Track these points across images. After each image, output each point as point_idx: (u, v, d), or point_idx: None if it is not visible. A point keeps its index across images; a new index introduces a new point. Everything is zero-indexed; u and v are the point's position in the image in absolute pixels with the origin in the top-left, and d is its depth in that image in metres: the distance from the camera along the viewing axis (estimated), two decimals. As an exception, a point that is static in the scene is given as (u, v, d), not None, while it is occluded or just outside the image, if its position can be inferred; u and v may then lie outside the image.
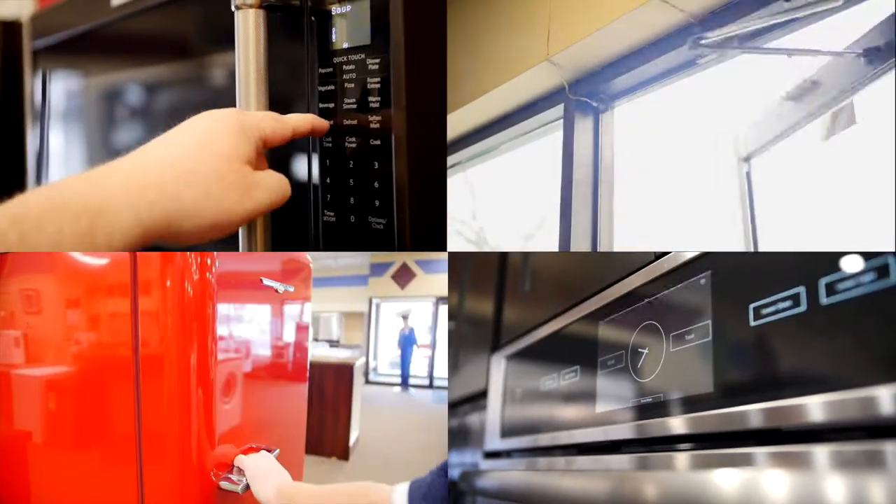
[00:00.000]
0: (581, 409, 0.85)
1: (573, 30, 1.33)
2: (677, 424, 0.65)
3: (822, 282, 0.51)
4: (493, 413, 1.13)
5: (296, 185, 0.79)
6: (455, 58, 1.66)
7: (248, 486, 0.90)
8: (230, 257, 0.91)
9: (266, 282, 1.05)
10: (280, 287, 1.09)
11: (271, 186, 0.71)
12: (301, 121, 0.78)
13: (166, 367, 0.83)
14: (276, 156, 0.80)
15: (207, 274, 0.85)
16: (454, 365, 1.45)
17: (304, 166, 0.88)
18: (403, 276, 8.21)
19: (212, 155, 0.67)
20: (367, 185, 0.82)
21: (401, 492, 0.78)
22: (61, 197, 0.59)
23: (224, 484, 0.90)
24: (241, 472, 0.92)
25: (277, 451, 1.02)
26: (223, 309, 0.89)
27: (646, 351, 0.73)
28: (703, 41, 1.11)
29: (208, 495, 0.88)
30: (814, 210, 1.29)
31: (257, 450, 0.99)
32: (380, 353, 8.69)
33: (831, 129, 1.19)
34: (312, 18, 0.86)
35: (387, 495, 0.79)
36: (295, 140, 0.79)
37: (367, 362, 8.12)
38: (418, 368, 7.99)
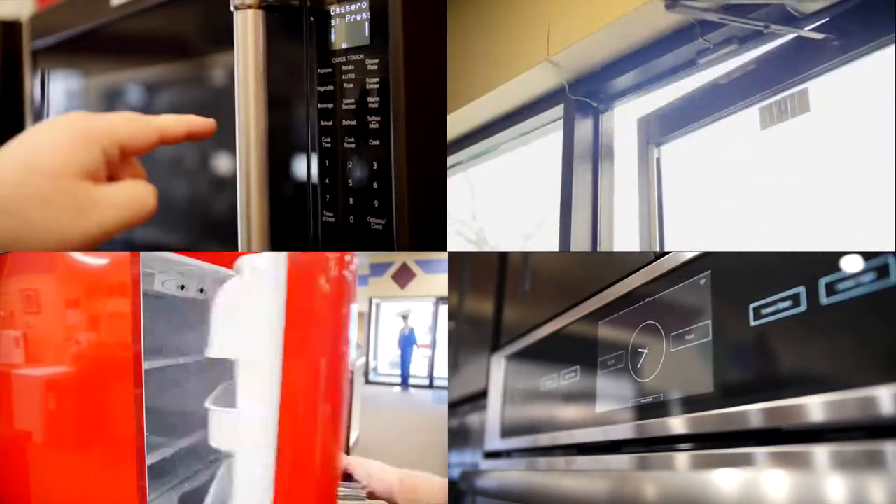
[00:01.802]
0: (581, 409, 0.85)
1: (573, 30, 1.33)
2: (677, 424, 0.65)
3: (822, 282, 0.51)
4: (493, 413, 1.13)
5: (295, 185, 0.79)
6: (455, 58, 1.66)
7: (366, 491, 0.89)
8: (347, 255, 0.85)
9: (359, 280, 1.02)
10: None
11: (118, 203, 0.62)
12: (171, 123, 0.69)
13: (303, 373, 0.78)
14: (277, 156, 0.80)
15: (344, 272, 0.81)
16: (454, 365, 1.45)
17: (304, 166, 0.88)
18: (403, 276, 8.21)
19: (34, 174, 0.58)
20: (367, 186, 0.82)
21: None
22: None
23: (346, 491, 0.87)
24: (349, 476, 0.90)
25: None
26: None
27: (646, 351, 0.73)
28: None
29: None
30: (742, 201, 1.26)
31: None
32: (380, 353, 8.68)
33: (774, 116, 1.16)
34: (311, 19, 0.86)
35: None
36: (294, 140, 0.78)
37: (367, 362, 8.11)
38: (418, 368, 7.98)
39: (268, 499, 0.78)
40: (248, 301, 0.80)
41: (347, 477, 0.91)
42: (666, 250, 0.74)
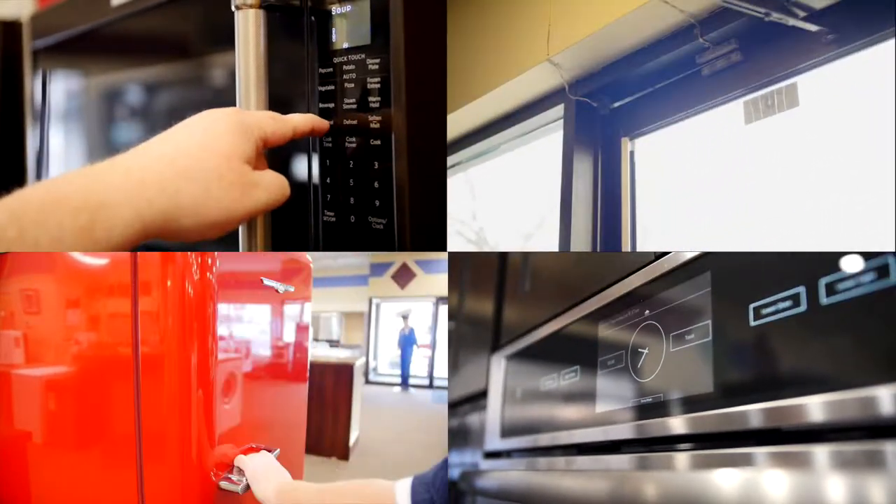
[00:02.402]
0: (581, 409, 0.85)
1: (573, 30, 1.33)
2: (677, 424, 0.65)
3: (822, 282, 0.51)
4: (493, 413, 1.13)
5: (296, 185, 0.79)
6: (455, 58, 1.66)
7: (248, 486, 0.90)
8: (230, 257, 0.90)
9: (266, 282, 1.05)
10: (280, 287, 1.09)
11: (271, 186, 0.71)
12: (302, 121, 0.78)
13: (166, 366, 0.83)
14: (276, 156, 0.80)
15: (208, 274, 0.85)
16: (454, 365, 1.45)
17: (304, 166, 0.88)
18: (403, 276, 8.21)
19: (212, 153, 0.67)
20: (367, 185, 0.82)
21: (403, 486, 0.78)
22: (61, 192, 0.59)
23: (224, 484, 0.90)
24: (241, 472, 0.92)
25: (278, 451, 1.02)
26: (223, 309, 0.89)
27: (646, 351, 0.73)
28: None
29: (208, 495, 0.88)
30: (725, 196, 1.25)
31: (257, 450, 0.99)
32: (380, 353, 8.69)
33: (760, 111, 1.15)
34: (312, 18, 0.86)
35: (389, 491, 0.79)
36: (295, 140, 0.79)
37: (367, 362, 8.11)
38: (418, 368, 7.98)
39: (135, 483, 0.83)
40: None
41: (240, 471, 0.93)
42: (666, 250, 0.73)
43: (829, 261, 0.51)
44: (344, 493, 0.85)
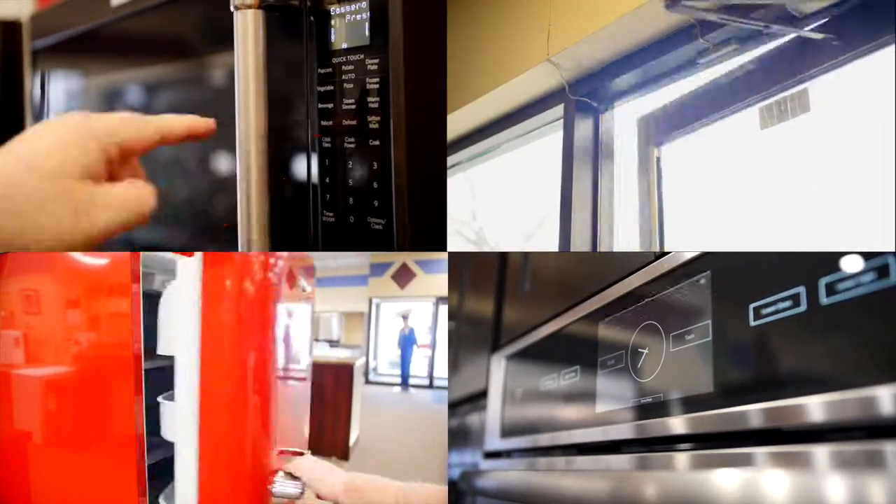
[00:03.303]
0: (581, 409, 0.85)
1: (573, 30, 1.33)
2: (677, 424, 0.65)
3: (822, 282, 0.51)
4: (493, 413, 1.13)
5: (295, 185, 0.79)
6: (455, 58, 1.66)
7: (303, 490, 0.89)
8: (280, 257, 0.89)
9: (301, 281, 1.04)
10: (308, 287, 1.09)
11: (117, 203, 0.62)
12: (172, 123, 0.69)
13: (224, 368, 0.81)
14: (277, 156, 0.80)
15: (270, 273, 0.83)
16: (454, 365, 1.45)
17: (304, 166, 0.88)
18: (403, 276, 8.21)
19: (34, 174, 0.58)
20: (367, 186, 0.82)
21: None
22: None
23: (279, 489, 0.88)
24: (290, 476, 0.91)
25: (309, 452, 1.01)
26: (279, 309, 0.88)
27: (646, 351, 0.73)
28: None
29: (261, 501, 0.86)
30: (745, 201, 1.26)
31: (292, 453, 0.98)
32: (380, 353, 8.68)
33: (774, 116, 1.15)
34: (311, 19, 0.86)
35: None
36: (294, 140, 0.78)
37: (367, 362, 8.11)
38: (418, 368, 7.98)
39: (194, 487, 0.81)
40: (177, 300, 0.82)
41: (290, 476, 0.92)
42: (666, 250, 0.73)
43: (829, 261, 0.51)
44: (416, 494, 0.84)
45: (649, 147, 1.38)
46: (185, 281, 0.82)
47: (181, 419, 0.83)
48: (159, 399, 0.87)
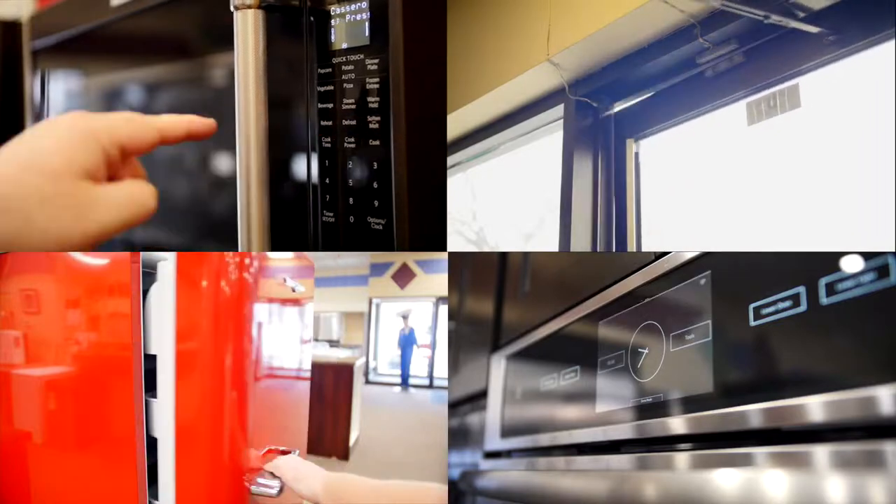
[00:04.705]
0: (581, 409, 0.85)
1: (573, 30, 1.33)
2: (677, 424, 0.65)
3: (822, 282, 0.51)
4: (493, 413, 1.13)
5: (295, 185, 0.79)
6: (455, 58, 1.66)
7: (282, 489, 0.89)
8: (261, 256, 0.90)
9: (288, 281, 1.04)
10: (298, 287, 1.08)
11: (118, 203, 0.62)
12: (171, 123, 0.69)
13: (199, 366, 0.81)
14: (277, 156, 0.80)
15: (245, 273, 0.84)
16: (454, 365, 1.45)
17: (304, 166, 0.88)
18: (403, 276, 8.21)
19: (34, 174, 0.58)
20: (367, 186, 0.82)
21: None
22: None
23: (257, 488, 0.88)
24: (270, 475, 0.91)
25: (297, 451, 1.01)
26: (256, 309, 0.88)
27: (646, 351, 0.73)
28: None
29: (240, 499, 0.86)
30: (727, 198, 1.25)
31: (279, 452, 0.98)
32: (380, 353, 8.69)
33: (762, 112, 1.15)
34: (311, 19, 0.86)
35: (443, 499, 0.77)
36: (294, 140, 0.78)
37: (367, 362, 8.12)
38: (418, 368, 7.98)
39: (171, 484, 0.81)
40: (156, 299, 0.83)
41: (271, 475, 0.91)
42: (666, 250, 0.73)
43: (829, 261, 0.51)
44: (397, 493, 0.83)
45: (626, 141, 1.38)
46: (164, 281, 0.83)
47: (161, 416, 0.83)
48: (145, 396, 0.88)
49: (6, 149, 0.60)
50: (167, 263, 0.82)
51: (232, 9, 0.82)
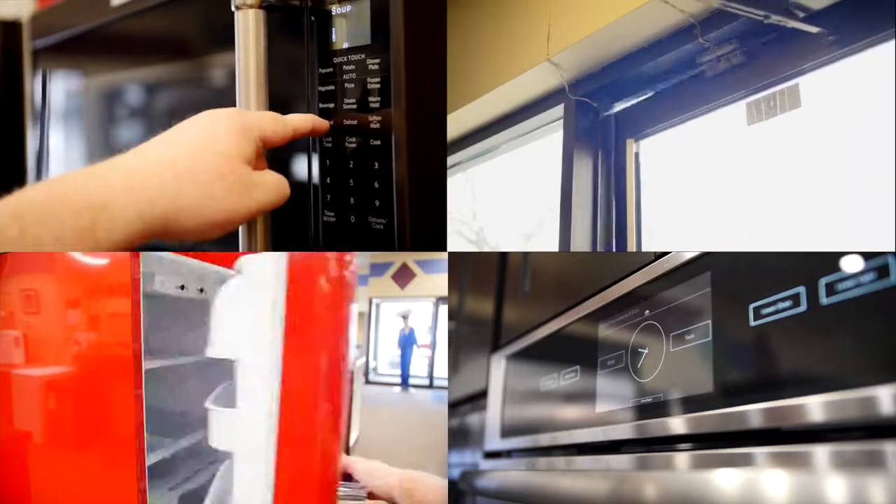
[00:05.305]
0: (581, 409, 0.85)
1: (573, 30, 1.33)
2: (677, 424, 0.65)
3: (822, 282, 0.51)
4: (493, 413, 1.13)
5: (296, 185, 0.79)
6: (455, 58, 1.66)
7: (367, 493, 0.89)
8: (347, 255, 0.87)
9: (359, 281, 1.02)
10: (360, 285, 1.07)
11: (271, 186, 0.71)
12: (301, 121, 0.78)
13: (301, 373, 0.79)
14: (277, 155, 0.80)
15: (345, 272, 0.83)
16: (454, 365, 1.45)
17: (304, 166, 0.88)
18: (403, 276, 8.21)
19: (212, 154, 0.67)
20: (367, 185, 0.82)
21: None
22: (63, 192, 0.59)
23: (344, 491, 0.87)
24: (348, 476, 0.91)
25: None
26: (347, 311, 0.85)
27: (646, 351, 0.73)
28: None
29: None
30: (727, 198, 1.25)
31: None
32: (380, 353, 8.68)
33: (762, 112, 1.15)
34: (312, 18, 0.86)
35: None
36: (295, 140, 0.79)
37: (367, 362, 8.11)
38: (418, 368, 7.98)
39: (268, 499, 0.79)
40: (248, 301, 0.81)
41: (347, 477, 0.92)
42: (666, 250, 0.73)
43: (829, 261, 0.51)
44: None
45: (627, 141, 1.38)
46: (254, 280, 0.81)
47: (245, 428, 0.79)
48: (208, 405, 0.84)
49: (178, 133, 0.69)
50: (259, 261, 0.81)
51: (233, 8, 0.82)
